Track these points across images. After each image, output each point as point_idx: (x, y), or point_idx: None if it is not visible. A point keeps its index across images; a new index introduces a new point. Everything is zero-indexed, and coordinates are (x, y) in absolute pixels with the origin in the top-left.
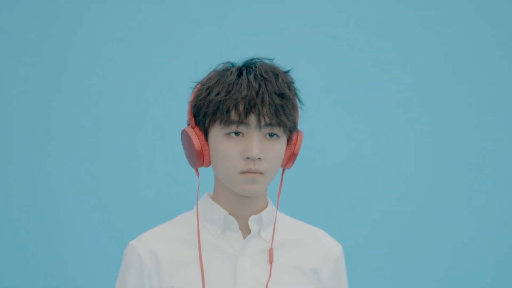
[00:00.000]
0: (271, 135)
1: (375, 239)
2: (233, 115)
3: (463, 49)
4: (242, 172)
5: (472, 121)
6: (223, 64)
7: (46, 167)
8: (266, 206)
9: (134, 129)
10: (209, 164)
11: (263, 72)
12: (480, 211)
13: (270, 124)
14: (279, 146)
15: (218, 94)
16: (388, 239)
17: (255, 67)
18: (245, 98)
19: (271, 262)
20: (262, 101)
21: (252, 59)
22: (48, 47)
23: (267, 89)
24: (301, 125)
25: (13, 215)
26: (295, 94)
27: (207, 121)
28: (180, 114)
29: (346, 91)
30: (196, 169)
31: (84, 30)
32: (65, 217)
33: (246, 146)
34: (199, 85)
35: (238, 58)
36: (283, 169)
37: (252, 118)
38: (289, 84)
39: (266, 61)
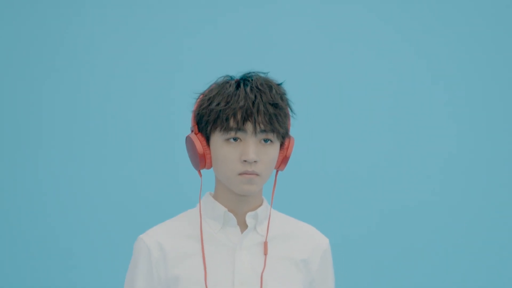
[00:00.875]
0: (265, 140)
1: (377, 239)
2: (232, 123)
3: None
4: (240, 174)
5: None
6: (223, 77)
7: (48, 168)
8: (261, 204)
9: (137, 132)
10: (210, 166)
11: (258, 84)
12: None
13: (264, 131)
14: (273, 150)
15: (218, 104)
16: (390, 241)
17: (252, 80)
18: (243, 107)
19: (265, 253)
20: (258, 111)
21: (249, 73)
22: (51, 49)
23: (262, 100)
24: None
25: (14, 214)
26: (287, 104)
27: (208, 128)
28: (180, 118)
29: (362, 90)
30: (199, 171)
31: (85, 33)
32: (67, 217)
33: (243, 150)
34: (201, 96)
35: (237, 72)
36: (277, 171)
37: (249, 126)
38: (282, 95)
39: (261, 75)
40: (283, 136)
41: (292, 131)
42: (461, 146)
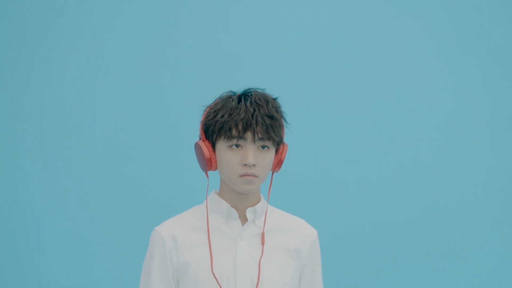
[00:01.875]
0: (263, 147)
1: (374, 239)
2: (234, 132)
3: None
4: (241, 175)
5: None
6: (226, 92)
7: (54, 169)
8: (259, 201)
9: (143, 135)
10: (216, 168)
11: (257, 99)
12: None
13: (262, 139)
14: (269, 155)
15: (222, 116)
16: (388, 241)
17: (251, 95)
18: (243, 119)
19: (263, 243)
20: (256, 122)
21: (249, 89)
22: (54, 48)
23: (260, 113)
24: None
25: (15, 214)
26: (282, 116)
27: (214, 136)
28: (182, 119)
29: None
30: (206, 172)
31: (86, 33)
32: (69, 217)
33: (244, 155)
34: (208, 109)
35: (238, 88)
36: (272, 172)
37: (249, 134)
38: (277, 108)
39: (260, 90)
40: (278, 143)
41: (293, 134)
42: (462, 147)
